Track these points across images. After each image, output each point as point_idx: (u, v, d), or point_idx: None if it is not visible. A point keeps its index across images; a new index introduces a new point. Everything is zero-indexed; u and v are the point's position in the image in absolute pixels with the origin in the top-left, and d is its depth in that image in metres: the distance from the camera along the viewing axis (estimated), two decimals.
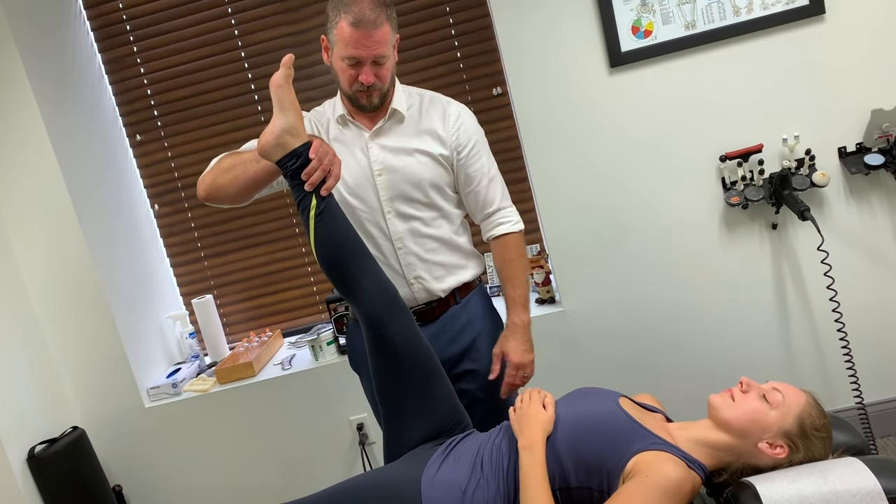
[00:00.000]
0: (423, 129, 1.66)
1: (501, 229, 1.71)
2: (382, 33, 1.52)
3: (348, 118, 1.67)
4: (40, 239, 2.37)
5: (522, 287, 1.70)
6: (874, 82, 2.19)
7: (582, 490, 1.27)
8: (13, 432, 2.21)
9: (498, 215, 1.71)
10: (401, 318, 1.49)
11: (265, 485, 2.53)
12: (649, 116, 2.26)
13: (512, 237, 1.72)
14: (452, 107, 1.70)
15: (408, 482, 1.35)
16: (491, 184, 1.70)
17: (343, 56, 1.54)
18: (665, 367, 2.38)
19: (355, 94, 1.60)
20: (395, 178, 1.64)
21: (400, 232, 1.67)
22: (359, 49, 1.51)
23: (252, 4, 2.53)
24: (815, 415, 1.29)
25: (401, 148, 1.65)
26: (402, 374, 1.48)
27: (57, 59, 2.41)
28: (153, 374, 2.56)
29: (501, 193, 1.73)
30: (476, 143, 1.69)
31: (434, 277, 1.70)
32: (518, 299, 1.70)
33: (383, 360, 1.50)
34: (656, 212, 2.31)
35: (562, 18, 2.21)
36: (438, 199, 1.68)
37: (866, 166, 2.18)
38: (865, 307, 2.29)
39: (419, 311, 1.72)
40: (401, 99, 1.67)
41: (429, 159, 1.65)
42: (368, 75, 1.55)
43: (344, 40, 1.52)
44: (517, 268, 1.71)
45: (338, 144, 1.67)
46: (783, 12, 2.16)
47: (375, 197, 1.66)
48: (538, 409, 1.36)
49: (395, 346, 1.47)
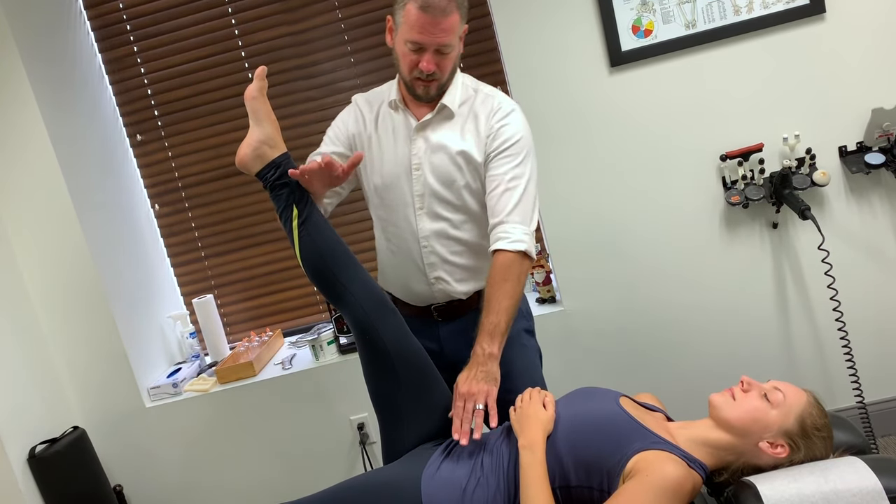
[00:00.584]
0: (469, 129, 1.60)
1: (497, 244, 1.53)
2: (451, 22, 1.47)
3: (399, 104, 1.62)
4: (41, 239, 2.37)
5: (497, 314, 1.47)
6: (874, 81, 2.19)
7: (582, 489, 1.27)
8: (14, 432, 2.21)
9: (499, 228, 1.54)
10: (390, 321, 1.49)
11: (266, 484, 2.53)
12: (649, 116, 2.25)
13: (505, 256, 1.51)
14: (504, 105, 1.59)
15: (408, 481, 1.35)
16: (506, 193, 1.54)
17: (406, 39, 1.49)
18: (665, 367, 2.38)
19: (413, 81, 1.54)
20: (430, 176, 1.60)
21: (427, 230, 1.62)
22: (423, 35, 1.46)
23: (252, 4, 2.53)
24: (816, 414, 1.29)
25: (443, 146, 1.59)
26: (395, 377, 1.48)
27: (57, 60, 2.41)
28: (153, 373, 2.56)
29: (514, 206, 1.53)
30: (510, 148, 1.56)
31: (456, 280, 1.66)
32: (486, 327, 1.47)
33: (375, 363, 1.50)
34: (657, 211, 2.30)
35: (562, 18, 2.21)
36: (472, 203, 1.62)
37: (867, 165, 2.18)
38: (866, 306, 2.29)
39: (439, 308, 1.70)
40: (455, 94, 1.60)
41: (465, 161, 1.59)
42: (430, 63, 1.49)
43: (409, 23, 1.46)
44: (499, 292, 1.49)
45: (382, 130, 1.64)
46: (783, 11, 2.16)
47: (409, 191, 1.62)
48: (538, 409, 1.36)
49: (387, 350, 1.47)
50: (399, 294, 1.75)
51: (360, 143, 1.69)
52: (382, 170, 1.64)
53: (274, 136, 1.48)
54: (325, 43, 2.55)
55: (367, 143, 1.68)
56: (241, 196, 2.65)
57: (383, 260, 1.76)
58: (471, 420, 1.39)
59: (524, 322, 1.74)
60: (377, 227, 1.75)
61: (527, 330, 1.76)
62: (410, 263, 1.66)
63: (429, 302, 1.70)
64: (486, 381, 1.43)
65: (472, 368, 1.46)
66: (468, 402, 1.41)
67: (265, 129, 1.48)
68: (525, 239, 1.52)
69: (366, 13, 2.51)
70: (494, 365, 1.46)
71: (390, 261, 1.73)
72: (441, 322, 1.71)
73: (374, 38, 2.53)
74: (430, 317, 1.72)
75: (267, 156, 1.47)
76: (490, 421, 1.40)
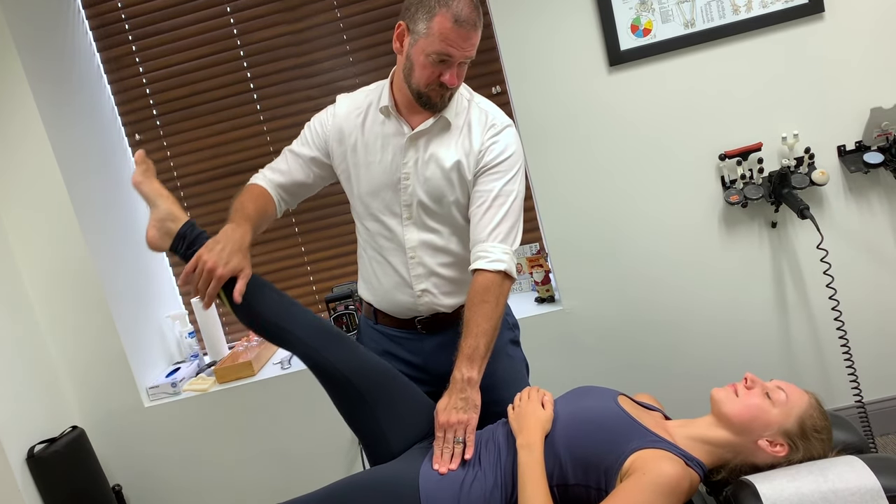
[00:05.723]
0: (462, 143, 1.55)
1: (476, 264, 1.48)
2: (478, 36, 1.46)
3: (392, 110, 1.56)
4: (39, 238, 2.37)
5: (476, 338, 1.43)
6: (873, 80, 2.19)
7: (579, 487, 1.27)
8: (13, 432, 2.20)
9: (479, 247, 1.49)
10: (339, 347, 1.49)
11: (265, 484, 2.53)
12: (648, 115, 2.25)
13: (484, 276, 1.46)
14: (498, 122, 1.56)
15: (406, 477, 1.35)
16: (490, 210, 1.50)
17: (434, 51, 1.43)
18: (664, 366, 2.38)
19: (429, 91, 1.49)
20: (420, 188, 1.55)
21: (415, 241, 1.58)
22: (454, 48, 1.42)
23: (251, 4, 2.53)
24: (817, 416, 1.29)
25: (437, 158, 1.54)
26: (363, 400, 1.47)
27: (55, 59, 2.41)
28: (153, 373, 2.56)
29: (496, 225, 1.50)
30: (500, 163, 1.52)
31: (442, 293, 1.62)
32: (465, 350, 1.43)
33: (340, 393, 1.49)
34: (656, 210, 2.30)
35: (561, 17, 2.21)
36: (459, 218, 1.58)
37: (865, 164, 2.18)
38: (865, 305, 2.29)
39: (423, 320, 1.66)
40: (453, 105, 1.56)
41: (458, 177, 1.54)
42: (454, 77, 1.46)
43: (441, 35, 1.41)
44: (478, 315, 1.44)
45: (369, 136, 1.59)
46: (782, 10, 2.16)
47: (396, 200, 1.58)
48: (536, 408, 1.36)
49: (346, 377, 1.47)
50: (382, 306, 1.69)
51: (341, 151, 1.63)
52: (369, 177, 1.59)
53: (172, 210, 1.49)
54: (324, 42, 2.55)
55: (350, 149, 1.61)
56: None
57: (366, 270, 1.71)
58: (451, 451, 1.38)
59: (509, 333, 1.71)
60: (361, 236, 1.70)
61: (512, 341, 1.73)
62: (395, 274, 1.62)
63: (413, 314, 1.66)
64: (466, 410, 1.41)
65: (451, 395, 1.43)
66: (448, 433, 1.40)
67: (161, 207, 1.49)
68: (505, 259, 1.48)
69: (365, 12, 2.51)
70: (474, 391, 1.43)
71: (374, 271, 1.67)
72: (426, 335, 1.66)
73: (372, 38, 2.53)
74: (415, 329, 1.67)
75: (172, 231, 1.49)
76: (466, 453, 1.38)
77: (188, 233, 1.48)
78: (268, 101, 2.59)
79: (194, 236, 1.48)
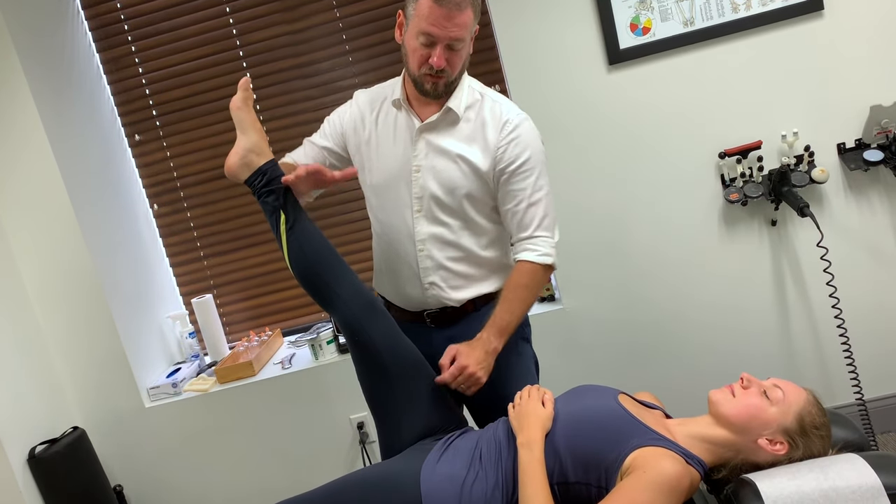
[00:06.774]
0: (475, 135, 1.56)
1: (523, 255, 1.57)
2: (464, 17, 1.44)
3: (403, 103, 1.59)
4: (39, 239, 2.37)
5: (511, 314, 1.53)
6: (873, 78, 2.19)
7: (580, 485, 1.27)
8: (13, 433, 2.20)
9: (528, 242, 1.57)
10: (380, 322, 1.50)
11: (265, 484, 2.53)
12: (648, 114, 2.25)
13: (529, 266, 1.56)
14: (513, 116, 1.57)
15: (407, 476, 1.35)
16: (531, 208, 1.56)
17: (418, 32, 1.45)
18: (664, 364, 2.38)
19: (422, 77, 1.51)
20: (431, 180, 1.57)
21: (425, 234, 1.60)
22: (436, 27, 1.43)
23: (250, 4, 2.52)
24: (816, 413, 1.29)
25: (447, 150, 1.56)
26: (388, 377, 1.49)
27: (55, 60, 2.41)
28: (153, 373, 2.56)
29: (540, 221, 1.57)
30: (525, 162, 1.55)
31: (450, 287, 1.62)
32: (499, 322, 1.53)
33: (367, 364, 1.51)
34: (655, 209, 2.30)
35: (560, 16, 2.21)
36: (471, 211, 1.59)
37: (865, 162, 2.18)
38: (865, 303, 2.29)
39: (432, 314, 1.67)
40: (461, 97, 1.57)
41: (470, 170, 1.55)
42: (440, 58, 1.46)
43: (422, 16, 1.43)
44: (517, 295, 1.54)
45: (382, 129, 1.63)
46: (782, 8, 2.16)
47: (407, 192, 1.59)
48: (537, 406, 1.36)
49: (378, 351, 1.48)
50: (392, 298, 1.73)
51: (355, 142, 1.68)
52: (381, 169, 1.62)
53: (260, 144, 1.51)
54: (323, 42, 2.54)
55: (364, 141, 1.66)
56: (240, 196, 2.65)
57: (379, 261, 1.75)
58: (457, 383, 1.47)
59: (521, 330, 1.71)
60: (374, 227, 1.73)
61: (524, 338, 1.73)
62: (405, 266, 1.64)
63: (422, 307, 1.68)
64: (486, 372, 1.50)
65: (476, 349, 1.50)
66: (460, 378, 1.47)
67: (251, 137, 1.51)
68: (552, 253, 1.58)
69: (364, 12, 2.51)
70: (493, 359, 1.51)
71: (385, 262, 1.71)
72: (434, 328, 1.68)
73: (372, 38, 2.53)
74: (424, 323, 1.68)
75: (254, 163, 1.51)
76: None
77: (269, 170, 1.49)
78: (267, 102, 2.59)
79: (274, 175, 1.49)
